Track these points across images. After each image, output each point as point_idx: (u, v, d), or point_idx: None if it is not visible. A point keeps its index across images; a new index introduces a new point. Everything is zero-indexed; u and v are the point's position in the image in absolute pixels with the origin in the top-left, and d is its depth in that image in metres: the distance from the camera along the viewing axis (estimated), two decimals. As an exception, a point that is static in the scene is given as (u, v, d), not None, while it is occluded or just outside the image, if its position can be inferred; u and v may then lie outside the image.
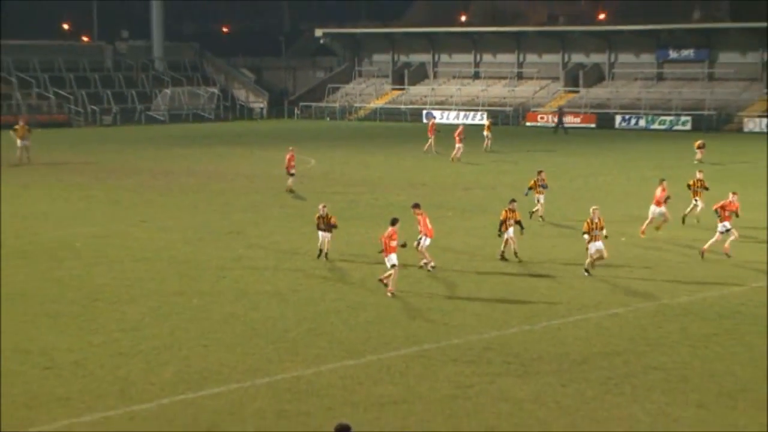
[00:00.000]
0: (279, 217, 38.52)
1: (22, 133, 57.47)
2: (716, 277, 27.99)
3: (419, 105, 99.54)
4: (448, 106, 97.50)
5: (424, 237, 28.27)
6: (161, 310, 24.19)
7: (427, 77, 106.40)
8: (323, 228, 29.63)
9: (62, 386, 18.70)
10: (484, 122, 71.61)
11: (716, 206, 30.79)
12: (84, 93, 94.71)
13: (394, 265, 25.52)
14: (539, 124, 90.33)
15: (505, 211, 29.90)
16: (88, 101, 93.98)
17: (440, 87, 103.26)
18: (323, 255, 29.73)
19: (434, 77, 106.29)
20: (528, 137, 77.11)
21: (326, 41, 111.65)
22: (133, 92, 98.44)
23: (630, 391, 18.47)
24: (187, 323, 23.08)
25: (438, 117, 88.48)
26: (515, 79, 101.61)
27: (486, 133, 65.19)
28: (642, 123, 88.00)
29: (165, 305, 24.69)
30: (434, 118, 76.81)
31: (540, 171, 38.00)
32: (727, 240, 30.39)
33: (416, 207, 29.07)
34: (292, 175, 45.09)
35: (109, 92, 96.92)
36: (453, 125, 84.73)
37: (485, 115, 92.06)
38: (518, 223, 29.96)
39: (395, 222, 26.15)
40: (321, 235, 29.70)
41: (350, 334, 22.20)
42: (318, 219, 29.78)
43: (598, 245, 27.60)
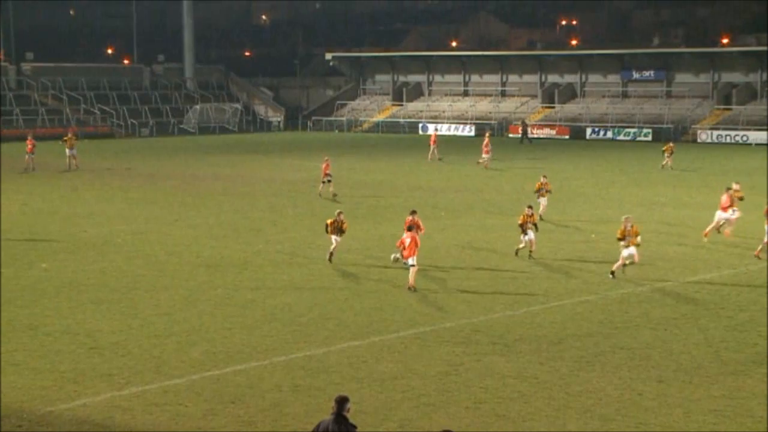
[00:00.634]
0: (294, 217, 38.40)
1: (71, 143, 57.67)
2: (674, 269, 27.87)
3: (416, 119, 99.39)
4: (441, 120, 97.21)
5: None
6: (191, 298, 24.12)
7: (423, 94, 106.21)
8: (336, 233, 28.24)
9: (105, 364, 18.64)
10: (484, 138, 61.46)
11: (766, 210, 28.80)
12: (125, 108, 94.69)
13: (413, 265, 24.90)
14: (519, 136, 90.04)
15: (523, 216, 28.83)
16: (129, 115, 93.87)
17: (434, 103, 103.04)
18: (332, 257, 28.33)
19: (429, 95, 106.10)
20: (510, 147, 76.93)
21: (335, 63, 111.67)
22: (168, 108, 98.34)
23: (600, 368, 18.41)
24: (213, 309, 23.00)
25: (432, 129, 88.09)
26: (499, 97, 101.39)
27: (485, 155, 57.79)
28: (609, 134, 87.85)
29: (194, 293, 24.61)
30: (436, 131, 76.16)
31: (544, 176, 37.17)
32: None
33: (413, 213, 27.79)
34: (329, 182, 43.91)
35: (147, 108, 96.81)
36: (446, 136, 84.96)
37: (473, 128, 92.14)
38: (535, 225, 29.02)
39: (411, 228, 25.57)
40: (333, 239, 28.28)
41: (356, 319, 22.12)
42: (332, 224, 28.20)
43: (631, 250, 26.14)
